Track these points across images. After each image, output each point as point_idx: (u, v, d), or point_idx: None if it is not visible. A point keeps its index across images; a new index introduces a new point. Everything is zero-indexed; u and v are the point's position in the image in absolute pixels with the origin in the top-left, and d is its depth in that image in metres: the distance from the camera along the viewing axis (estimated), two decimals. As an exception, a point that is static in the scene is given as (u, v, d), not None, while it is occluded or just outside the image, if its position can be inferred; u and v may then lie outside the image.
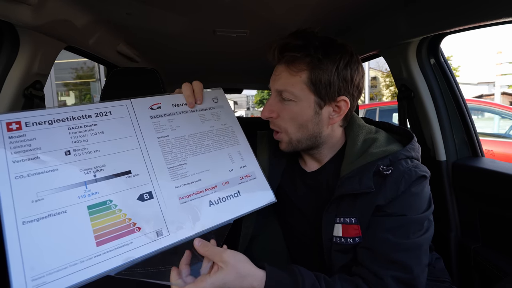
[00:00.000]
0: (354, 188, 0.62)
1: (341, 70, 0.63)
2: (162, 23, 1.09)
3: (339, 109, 0.67)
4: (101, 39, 1.14)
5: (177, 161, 0.59)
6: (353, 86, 0.66)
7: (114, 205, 0.50)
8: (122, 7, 0.93)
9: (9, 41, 0.80)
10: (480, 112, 6.02)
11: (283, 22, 1.06)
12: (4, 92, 0.81)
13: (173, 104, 0.66)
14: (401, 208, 0.61)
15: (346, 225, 0.64)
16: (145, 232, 0.50)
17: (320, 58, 0.62)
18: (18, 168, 0.46)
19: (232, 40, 1.28)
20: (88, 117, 0.55)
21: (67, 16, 0.87)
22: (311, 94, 0.64)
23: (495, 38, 23.77)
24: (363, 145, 0.68)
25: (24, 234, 0.43)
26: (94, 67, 9.18)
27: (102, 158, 0.52)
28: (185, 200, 0.56)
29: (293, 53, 0.63)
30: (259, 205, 0.63)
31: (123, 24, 1.09)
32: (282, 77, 0.66)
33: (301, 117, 0.66)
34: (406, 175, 0.61)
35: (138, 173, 0.54)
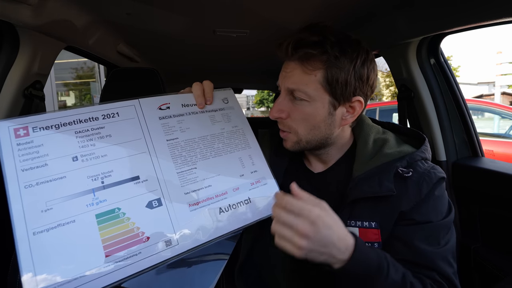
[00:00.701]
0: (374, 191, 0.59)
1: (358, 69, 0.60)
2: (162, 23, 1.09)
3: (353, 110, 0.63)
4: (101, 39, 1.14)
5: (187, 165, 0.57)
6: (368, 86, 0.63)
7: (122, 213, 0.49)
8: (122, 7, 0.93)
9: (9, 41, 0.81)
10: (480, 112, 6.02)
11: (283, 22, 1.06)
12: (4, 92, 0.81)
13: (183, 104, 0.63)
14: (426, 214, 0.58)
15: (365, 229, 0.60)
16: (154, 242, 0.49)
17: (337, 56, 0.58)
18: (27, 176, 0.45)
19: (232, 40, 1.28)
20: (95, 120, 0.53)
21: (67, 16, 0.87)
22: (326, 94, 0.60)
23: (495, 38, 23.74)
24: (375, 145, 0.66)
25: (35, 245, 0.42)
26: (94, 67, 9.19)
27: (109, 163, 0.51)
28: (195, 207, 0.54)
29: (308, 50, 0.58)
30: (269, 212, 0.59)
31: (123, 24, 1.09)
32: (294, 75, 0.61)
33: (314, 118, 0.62)
34: (426, 177, 0.59)
35: (146, 179, 0.52)
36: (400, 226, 0.59)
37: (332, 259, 0.49)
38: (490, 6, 0.67)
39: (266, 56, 1.65)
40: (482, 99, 7.07)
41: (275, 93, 3.23)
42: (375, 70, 0.63)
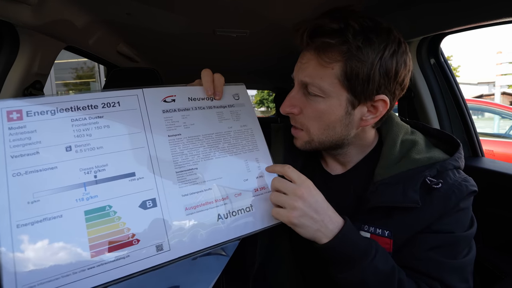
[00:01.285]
0: (396, 200, 0.53)
1: (384, 63, 0.52)
2: (162, 23, 1.09)
3: (375, 110, 0.56)
4: (101, 39, 1.14)
5: (188, 164, 0.53)
6: (396, 83, 0.55)
7: (113, 212, 0.46)
8: (122, 7, 0.93)
9: (9, 41, 0.80)
10: (480, 112, 6.02)
11: (283, 22, 1.06)
12: (4, 92, 0.81)
13: (189, 97, 0.58)
14: (448, 225, 0.53)
15: (377, 236, 0.55)
16: (144, 246, 0.46)
17: (359, 47, 0.51)
18: (16, 164, 0.43)
19: (232, 40, 1.28)
20: (94, 108, 0.49)
21: (67, 16, 0.87)
22: (344, 90, 0.54)
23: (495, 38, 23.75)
24: (402, 147, 0.59)
25: (18, 239, 0.40)
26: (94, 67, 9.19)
27: (105, 156, 0.48)
28: (192, 211, 0.51)
29: (326, 39, 0.51)
30: (271, 223, 0.56)
31: (123, 24, 1.09)
32: (309, 67, 0.55)
33: (328, 116, 0.56)
34: (456, 190, 0.53)
35: (142, 176, 0.49)
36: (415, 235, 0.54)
37: (323, 230, 0.49)
38: (490, 6, 0.67)
39: (266, 56, 1.64)
40: (482, 99, 7.07)
41: (275, 93, 3.23)
42: (407, 65, 0.55)
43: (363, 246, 0.50)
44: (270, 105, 13.61)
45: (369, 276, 0.49)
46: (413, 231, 0.54)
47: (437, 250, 0.52)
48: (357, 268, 0.49)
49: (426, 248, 0.53)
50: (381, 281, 0.49)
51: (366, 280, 0.49)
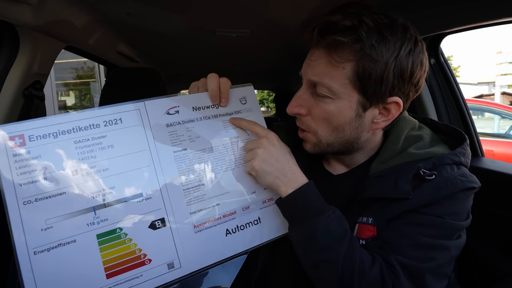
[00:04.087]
0: (385, 191, 0.52)
1: (399, 63, 0.49)
2: (162, 23, 1.09)
3: (388, 113, 0.54)
4: (101, 39, 1.14)
5: (194, 181, 0.52)
6: (411, 85, 0.52)
7: (124, 234, 0.47)
8: (122, 7, 0.93)
9: (9, 41, 0.80)
10: (480, 112, 6.02)
11: (283, 22, 1.06)
12: (4, 92, 0.81)
13: (194, 107, 0.56)
14: (437, 210, 0.50)
15: (362, 224, 0.55)
16: (156, 265, 0.47)
17: (372, 45, 0.48)
18: (25, 192, 0.43)
19: (232, 40, 1.28)
20: (96, 127, 0.49)
21: (67, 16, 0.87)
22: (355, 91, 0.51)
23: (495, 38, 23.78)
24: (404, 143, 0.57)
25: (37, 265, 0.42)
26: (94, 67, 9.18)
27: (111, 178, 0.48)
28: (200, 228, 0.51)
29: (338, 37, 0.48)
30: (280, 233, 0.56)
31: (123, 24, 1.09)
32: (318, 65, 0.52)
33: (337, 118, 0.53)
34: (449, 183, 0.50)
35: (150, 196, 0.49)
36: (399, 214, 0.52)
37: (281, 178, 0.51)
38: (490, 6, 0.67)
39: (266, 56, 1.65)
40: (482, 99, 7.07)
41: (275, 93, 3.23)
42: (423, 65, 0.52)
43: (318, 206, 0.50)
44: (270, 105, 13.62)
45: (318, 234, 0.48)
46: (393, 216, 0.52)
47: (413, 226, 0.50)
48: (308, 225, 0.49)
49: (402, 223, 0.51)
50: (330, 242, 0.48)
51: (314, 237, 0.49)
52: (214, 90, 0.56)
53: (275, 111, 3.19)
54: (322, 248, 0.49)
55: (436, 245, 0.49)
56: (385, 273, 0.48)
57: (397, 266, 0.48)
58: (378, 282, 0.47)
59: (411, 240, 0.50)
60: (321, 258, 0.48)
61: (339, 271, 0.47)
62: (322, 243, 0.49)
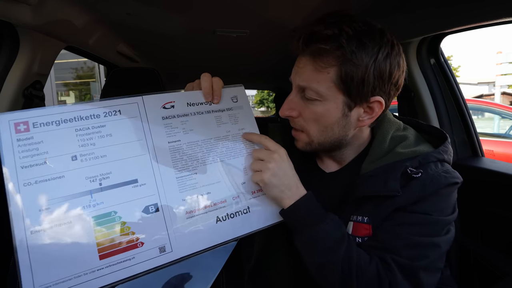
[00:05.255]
0: (376, 190, 0.56)
1: (378, 65, 0.54)
2: (162, 23, 1.09)
3: (371, 111, 0.58)
4: (101, 39, 1.14)
5: (187, 170, 0.55)
6: (391, 84, 0.57)
7: (118, 217, 0.48)
8: (122, 7, 0.93)
9: (9, 41, 0.81)
10: (480, 112, 6.02)
11: (283, 22, 1.06)
12: (4, 92, 0.81)
13: (188, 103, 0.60)
14: (424, 208, 0.55)
15: (357, 223, 0.59)
16: (148, 248, 0.49)
17: (353, 51, 0.53)
18: (26, 174, 0.45)
19: (232, 40, 1.28)
20: (96, 117, 0.52)
21: (67, 16, 0.87)
22: (340, 93, 0.56)
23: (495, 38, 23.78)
24: (391, 143, 0.62)
25: (32, 244, 0.43)
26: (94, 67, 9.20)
27: (108, 165, 0.50)
28: (192, 215, 0.53)
29: (321, 45, 0.53)
30: (267, 223, 0.59)
31: (123, 24, 1.09)
32: (305, 72, 0.57)
33: (326, 119, 0.58)
34: (434, 180, 0.55)
35: (145, 183, 0.51)
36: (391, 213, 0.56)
37: (287, 191, 0.56)
38: (490, 6, 0.67)
39: (266, 56, 1.65)
40: (482, 99, 7.07)
41: (275, 93, 3.23)
42: (400, 66, 0.57)
43: (319, 214, 0.56)
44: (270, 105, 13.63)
45: (319, 238, 0.54)
46: (387, 214, 0.56)
47: (405, 226, 0.54)
48: (310, 231, 0.54)
49: (395, 223, 0.56)
50: (330, 245, 0.53)
51: (316, 242, 0.54)
52: (207, 88, 0.60)
53: (275, 111, 3.19)
54: (323, 251, 0.53)
55: (428, 243, 0.54)
56: (381, 271, 0.52)
57: (392, 265, 0.53)
58: (375, 279, 0.52)
59: (404, 240, 0.54)
60: (323, 260, 0.53)
61: (339, 271, 0.52)
62: (322, 246, 0.54)
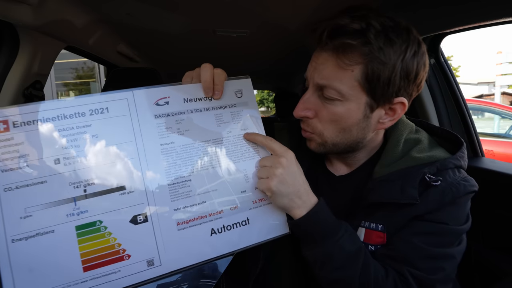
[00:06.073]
0: (393, 197, 0.52)
1: (405, 65, 0.50)
2: (162, 23, 1.09)
3: (393, 113, 0.55)
4: (101, 39, 1.14)
5: (181, 176, 0.50)
6: (415, 85, 0.53)
7: (103, 227, 0.45)
8: (122, 7, 0.93)
9: (9, 41, 0.80)
10: (480, 112, 6.02)
11: (283, 22, 1.06)
12: (4, 92, 0.81)
13: (185, 99, 0.54)
14: (441, 217, 0.52)
15: (370, 230, 0.55)
16: (135, 261, 0.46)
17: (381, 48, 0.49)
18: (7, 178, 0.42)
19: (232, 40, 1.28)
20: (81, 116, 0.47)
21: (67, 16, 0.87)
22: (363, 93, 0.52)
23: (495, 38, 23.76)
24: (405, 146, 0.58)
25: (14, 253, 0.41)
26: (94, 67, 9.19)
27: (94, 169, 0.46)
28: (184, 226, 0.49)
29: (347, 40, 0.49)
30: (269, 237, 0.54)
31: (123, 24, 1.09)
32: (326, 68, 0.52)
33: (345, 120, 0.54)
34: (454, 188, 0.52)
35: (133, 190, 0.47)
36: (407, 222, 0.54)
37: (296, 200, 0.51)
38: (490, 6, 0.67)
39: (266, 56, 1.64)
40: (482, 99, 7.07)
41: (275, 93, 3.23)
42: (426, 66, 0.54)
43: (332, 226, 0.52)
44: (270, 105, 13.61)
45: (334, 254, 0.50)
46: (404, 222, 0.54)
47: (422, 236, 0.52)
48: (324, 245, 0.51)
49: (412, 232, 0.53)
50: (345, 260, 0.50)
51: (330, 258, 0.50)
52: (207, 81, 0.54)
53: (275, 111, 3.19)
54: (338, 267, 0.50)
55: (444, 254, 0.52)
56: (399, 285, 0.50)
57: (409, 278, 0.50)
58: None
59: (421, 251, 0.51)
60: (338, 277, 0.50)
61: (356, 287, 0.50)
62: (338, 262, 0.50)
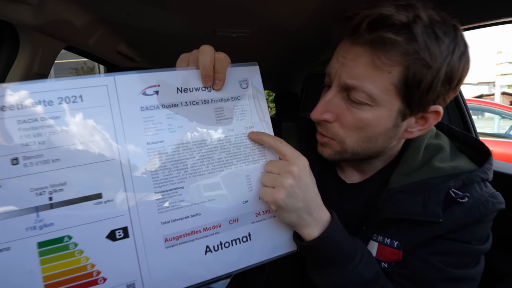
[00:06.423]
0: (414, 213, 0.46)
1: (449, 69, 0.42)
2: (162, 23, 1.09)
3: (424, 122, 0.48)
4: (101, 39, 1.14)
5: (171, 182, 0.42)
6: (454, 92, 0.46)
7: (73, 244, 0.37)
8: (122, 7, 0.93)
9: (9, 41, 0.80)
10: (480, 112, 6.03)
11: (283, 22, 1.06)
12: (4, 92, 0.81)
13: (178, 88, 0.44)
14: (465, 236, 0.47)
15: (384, 246, 0.50)
16: (112, 285, 0.38)
17: (427, 47, 0.40)
18: None
19: (232, 40, 1.28)
20: (47, 104, 0.37)
21: (67, 16, 0.87)
22: (398, 99, 0.44)
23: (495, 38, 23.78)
24: (425, 153, 0.52)
25: None
26: (94, 67, 9.18)
27: (62, 172, 0.37)
28: (173, 243, 0.41)
29: (389, 34, 0.40)
30: (272, 256, 0.46)
31: (123, 24, 1.09)
32: (358, 66, 0.44)
33: (372, 128, 0.46)
34: (481, 206, 0.46)
35: (111, 198, 0.39)
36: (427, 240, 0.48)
37: (306, 217, 0.43)
38: (490, 6, 0.67)
39: (266, 56, 1.64)
40: (482, 99, 7.07)
41: (275, 93, 3.23)
42: (468, 70, 0.46)
43: (349, 250, 0.45)
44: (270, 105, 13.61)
45: (351, 282, 0.44)
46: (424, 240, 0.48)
47: (442, 256, 0.47)
48: (340, 273, 0.44)
49: (431, 251, 0.48)
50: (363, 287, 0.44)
51: (346, 286, 0.44)
52: (206, 68, 0.43)
53: (275, 111, 3.19)
54: None
55: (464, 276, 0.48)
56: None
57: None
58: None
59: (440, 273, 0.47)
60: None
61: None
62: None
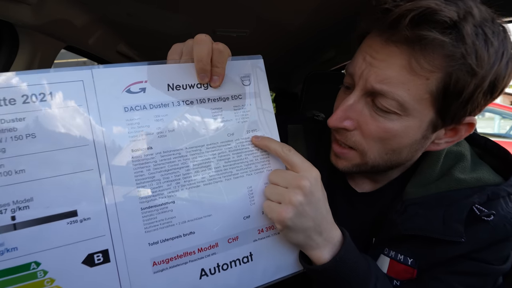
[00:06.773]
0: (433, 230, 0.42)
1: (494, 77, 0.37)
2: (162, 23, 1.09)
3: (454, 134, 0.43)
4: (101, 39, 1.14)
5: (160, 196, 0.36)
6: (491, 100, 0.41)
7: (42, 272, 0.31)
8: (122, 7, 0.93)
9: (9, 41, 0.80)
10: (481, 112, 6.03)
11: (283, 22, 1.06)
12: (4, 92, 0.81)
13: (169, 85, 0.38)
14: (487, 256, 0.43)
15: (397, 262, 0.45)
16: None
17: (476, 51, 0.35)
18: None
19: (232, 40, 1.28)
20: (9, 103, 0.31)
21: (67, 16, 0.87)
22: (431, 109, 0.39)
23: (495, 38, 23.74)
24: (445, 162, 0.47)
25: None
26: (94, 67, 9.19)
27: (28, 186, 0.31)
28: (163, 267, 0.35)
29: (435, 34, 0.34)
30: (276, 277, 0.41)
31: (123, 24, 1.09)
32: (390, 69, 0.37)
33: (398, 140, 0.41)
34: (508, 225, 0.42)
35: (88, 216, 0.33)
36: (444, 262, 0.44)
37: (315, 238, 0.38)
38: (491, 6, 0.67)
39: (266, 56, 1.64)
40: (482, 99, 7.08)
41: (275, 93, 3.22)
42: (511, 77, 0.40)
43: (363, 275, 0.40)
44: (270, 105, 13.53)
45: None
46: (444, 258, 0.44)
47: (462, 276, 0.43)
48: None
49: (449, 271, 0.44)
50: None
51: None
52: (203, 60, 0.37)
53: (275, 111, 3.18)
54: None
55: None
56: None
57: None
58: None
59: None
60: None
61: None
62: None
